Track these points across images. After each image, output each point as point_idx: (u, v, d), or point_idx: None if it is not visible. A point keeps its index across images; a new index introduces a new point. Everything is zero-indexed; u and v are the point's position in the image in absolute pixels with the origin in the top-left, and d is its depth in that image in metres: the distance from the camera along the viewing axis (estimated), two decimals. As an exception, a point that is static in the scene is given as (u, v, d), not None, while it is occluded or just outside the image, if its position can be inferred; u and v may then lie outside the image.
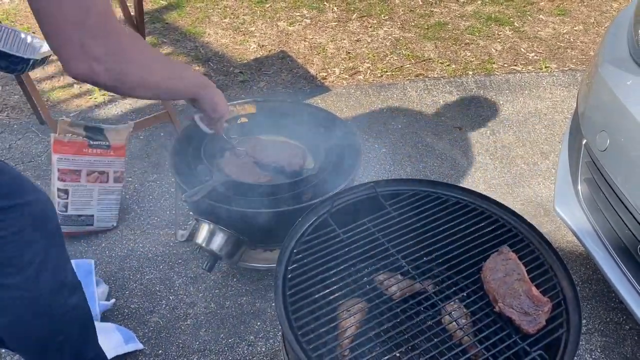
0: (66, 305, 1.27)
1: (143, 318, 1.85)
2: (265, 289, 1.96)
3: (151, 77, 1.04)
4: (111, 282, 1.96)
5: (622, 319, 1.91)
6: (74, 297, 1.29)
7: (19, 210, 1.13)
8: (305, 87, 3.06)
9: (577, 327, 1.10)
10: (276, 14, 3.72)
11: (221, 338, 1.81)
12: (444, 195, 1.39)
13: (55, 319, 1.26)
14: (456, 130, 2.79)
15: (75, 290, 1.30)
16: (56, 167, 1.99)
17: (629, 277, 1.62)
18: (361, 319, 1.25)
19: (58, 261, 1.24)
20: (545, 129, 2.81)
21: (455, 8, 3.92)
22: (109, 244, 2.11)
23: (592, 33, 3.71)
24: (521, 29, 3.70)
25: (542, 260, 1.24)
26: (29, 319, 1.22)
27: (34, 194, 1.18)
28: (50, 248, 1.21)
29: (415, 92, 3.05)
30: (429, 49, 3.45)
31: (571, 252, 2.16)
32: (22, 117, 2.70)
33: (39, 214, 1.18)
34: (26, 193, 1.16)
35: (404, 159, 2.59)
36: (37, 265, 1.18)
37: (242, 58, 3.28)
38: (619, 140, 1.61)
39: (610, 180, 1.65)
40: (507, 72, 3.27)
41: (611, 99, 1.67)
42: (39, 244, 1.18)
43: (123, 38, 0.92)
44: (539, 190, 2.45)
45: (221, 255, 1.74)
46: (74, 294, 1.30)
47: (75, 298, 1.30)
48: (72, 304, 1.29)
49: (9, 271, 1.15)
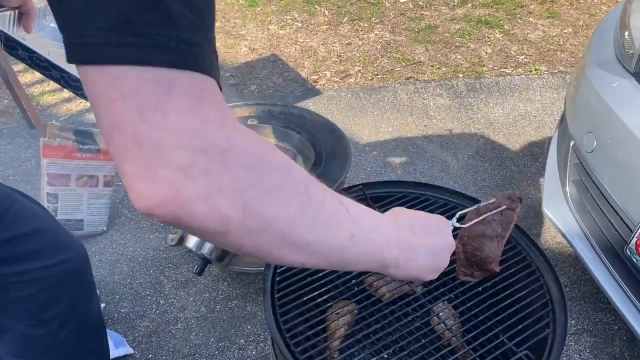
0: (89, 347, 1.29)
1: (133, 322, 1.85)
2: (256, 292, 1.96)
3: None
4: (101, 287, 1.95)
5: (611, 319, 1.93)
6: (98, 339, 1.31)
7: (54, 268, 1.13)
8: (297, 90, 3.07)
9: (563, 327, 1.10)
10: (267, 18, 3.73)
11: (212, 342, 1.80)
12: (432, 197, 1.40)
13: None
14: (446, 133, 2.80)
15: (100, 331, 1.32)
16: (45, 171, 1.98)
17: (616, 278, 1.63)
18: (350, 321, 1.26)
19: (88, 306, 1.25)
20: (535, 131, 2.83)
21: (446, 11, 3.95)
22: (99, 248, 2.10)
23: (582, 36, 3.74)
24: (511, 32, 3.73)
25: (530, 261, 1.25)
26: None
27: (70, 250, 1.17)
28: (81, 297, 1.22)
29: (406, 95, 3.07)
30: (419, 52, 3.47)
31: (560, 254, 2.17)
32: (11, 122, 2.69)
33: (74, 269, 1.18)
34: (62, 251, 1.15)
35: (394, 162, 2.60)
36: (63, 318, 1.18)
37: (233, 61, 3.28)
38: (606, 142, 1.62)
39: (598, 181, 1.66)
40: (497, 75, 3.29)
41: (598, 100, 1.68)
42: (67, 297, 1.18)
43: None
44: (529, 191, 2.47)
45: (211, 258, 1.73)
46: (99, 335, 1.32)
47: (99, 339, 1.32)
48: (94, 346, 1.31)
49: (32, 323, 1.15)
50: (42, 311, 1.15)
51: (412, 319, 1.20)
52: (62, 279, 1.16)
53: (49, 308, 1.15)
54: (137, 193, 0.48)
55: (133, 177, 0.48)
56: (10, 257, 1.07)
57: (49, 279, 1.13)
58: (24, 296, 1.11)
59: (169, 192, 0.48)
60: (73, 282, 1.20)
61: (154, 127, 0.46)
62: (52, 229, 1.17)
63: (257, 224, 0.53)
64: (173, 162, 0.47)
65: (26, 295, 1.11)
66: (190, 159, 0.47)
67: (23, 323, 1.15)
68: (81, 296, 1.23)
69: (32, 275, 1.10)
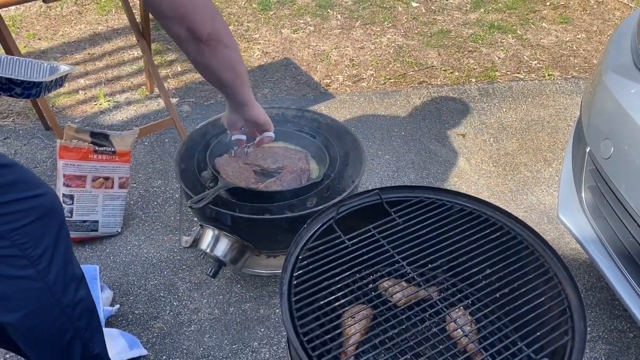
0: (75, 297, 1.29)
1: (147, 324, 1.86)
2: (269, 295, 1.96)
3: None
4: (115, 288, 1.96)
5: (627, 326, 1.91)
6: (81, 290, 1.32)
7: (31, 202, 1.16)
8: (309, 94, 3.08)
9: (582, 334, 1.10)
10: (280, 22, 3.74)
11: (225, 344, 1.81)
12: (449, 203, 1.40)
13: (67, 311, 1.28)
14: (459, 138, 2.80)
15: (82, 282, 1.33)
16: (62, 172, 2.00)
17: (632, 285, 1.62)
18: (366, 325, 1.26)
19: (66, 254, 1.27)
20: (549, 137, 2.82)
21: (459, 16, 3.94)
22: (114, 249, 2.11)
23: (595, 41, 3.72)
24: (524, 37, 3.71)
25: (547, 267, 1.24)
26: (42, 312, 1.24)
27: (43, 187, 1.21)
28: (60, 241, 1.24)
29: (419, 100, 3.06)
30: (432, 57, 3.46)
31: (575, 260, 2.16)
32: (27, 123, 2.72)
33: (50, 206, 1.21)
34: (36, 186, 1.20)
35: (407, 166, 2.59)
36: (49, 257, 1.20)
37: (246, 65, 3.29)
38: (623, 148, 1.61)
39: (614, 187, 1.65)
40: (510, 80, 3.28)
41: (615, 106, 1.67)
42: (50, 237, 1.20)
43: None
44: (543, 197, 2.45)
45: (226, 261, 1.74)
46: (81, 287, 1.32)
47: (83, 291, 1.33)
48: (80, 297, 1.31)
49: (22, 263, 1.18)
50: (31, 247, 1.17)
51: (428, 324, 1.20)
52: (43, 212, 1.19)
53: (36, 244, 1.18)
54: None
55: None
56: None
57: (31, 211, 1.16)
58: (11, 229, 1.14)
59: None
60: (54, 216, 1.22)
61: None
62: (24, 168, 1.22)
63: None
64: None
65: (12, 228, 1.14)
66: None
67: (13, 265, 1.17)
68: (62, 236, 1.25)
69: (14, 207, 1.13)
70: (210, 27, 1.09)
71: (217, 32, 1.11)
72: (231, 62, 1.18)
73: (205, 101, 2.96)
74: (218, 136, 1.91)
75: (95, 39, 3.41)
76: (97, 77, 3.08)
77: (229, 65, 1.18)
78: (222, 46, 1.12)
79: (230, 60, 1.17)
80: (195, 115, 2.84)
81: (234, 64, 1.19)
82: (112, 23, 3.58)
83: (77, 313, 1.31)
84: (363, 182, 2.42)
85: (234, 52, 1.17)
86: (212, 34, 1.10)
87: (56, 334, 1.29)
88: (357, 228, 1.33)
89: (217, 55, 1.13)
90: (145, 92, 2.97)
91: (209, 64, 1.15)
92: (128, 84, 3.05)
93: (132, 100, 2.93)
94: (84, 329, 1.34)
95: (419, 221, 1.34)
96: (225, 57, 1.15)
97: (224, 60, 1.16)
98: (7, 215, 1.13)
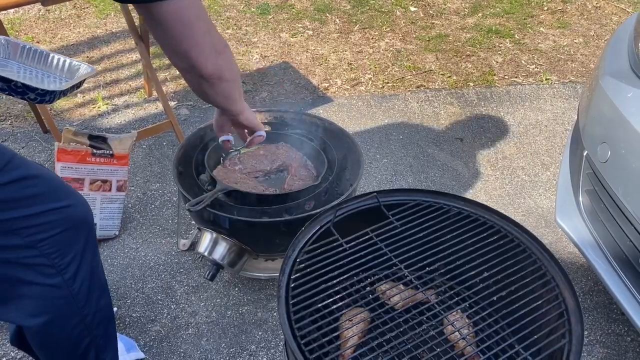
0: (97, 305, 1.31)
1: (144, 327, 1.85)
2: (267, 298, 1.96)
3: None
4: (113, 291, 1.96)
5: (624, 330, 1.91)
6: (103, 299, 1.33)
7: (59, 213, 1.18)
8: (308, 98, 3.08)
9: (579, 338, 1.10)
10: (278, 26, 3.75)
11: (222, 347, 1.80)
12: (447, 206, 1.40)
13: (87, 319, 1.29)
14: (457, 141, 2.80)
15: (104, 290, 1.34)
16: (60, 175, 2.00)
17: (630, 289, 1.62)
18: (364, 328, 1.26)
19: (92, 262, 1.28)
20: (546, 141, 2.83)
21: (456, 20, 3.96)
22: (111, 252, 2.11)
23: (592, 46, 3.73)
24: (522, 42, 3.73)
25: (545, 271, 1.24)
26: (63, 320, 1.25)
27: (71, 197, 1.22)
28: (87, 250, 1.25)
29: (417, 103, 3.07)
30: (430, 61, 3.47)
31: (572, 264, 2.16)
32: (25, 126, 2.72)
33: (78, 217, 1.23)
34: (65, 196, 1.21)
35: (405, 170, 2.60)
36: (76, 267, 1.22)
37: (244, 69, 3.30)
38: (620, 152, 1.62)
39: (612, 191, 1.66)
40: (507, 84, 3.29)
41: (612, 110, 1.68)
42: (78, 246, 1.22)
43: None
44: (540, 201, 2.46)
45: (223, 264, 1.74)
46: (103, 295, 1.34)
47: (104, 299, 1.34)
48: (102, 305, 1.33)
49: (50, 272, 1.19)
50: (59, 257, 1.19)
51: (426, 327, 1.20)
52: (72, 223, 1.21)
53: (64, 253, 1.19)
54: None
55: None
56: (17, 199, 1.12)
57: (60, 222, 1.18)
58: (40, 239, 1.15)
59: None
60: (82, 227, 1.24)
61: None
62: (54, 177, 1.24)
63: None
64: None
65: (41, 239, 1.15)
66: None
67: (41, 273, 1.18)
68: (89, 246, 1.26)
69: (42, 219, 1.15)
70: (213, 66, 1.04)
71: (220, 70, 1.06)
72: (227, 93, 1.14)
73: (203, 104, 2.97)
74: (216, 139, 1.91)
75: (94, 43, 3.42)
76: (96, 81, 3.08)
77: (224, 95, 1.15)
78: (222, 82, 1.09)
79: (227, 91, 1.13)
80: (194, 119, 2.85)
81: (229, 94, 1.15)
82: (110, 26, 3.59)
83: (95, 322, 1.32)
84: (361, 186, 2.42)
85: (233, 84, 1.13)
86: (214, 74, 1.06)
87: (73, 342, 1.30)
88: (355, 231, 1.33)
89: (215, 89, 1.10)
90: (144, 95, 2.97)
91: (206, 93, 1.12)
92: (126, 87, 3.05)
93: (131, 104, 2.93)
94: (100, 337, 1.35)
95: (417, 224, 1.35)
96: (222, 89, 1.11)
97: (221, 92, 1.13)
98: (36, 226, 1.15)
